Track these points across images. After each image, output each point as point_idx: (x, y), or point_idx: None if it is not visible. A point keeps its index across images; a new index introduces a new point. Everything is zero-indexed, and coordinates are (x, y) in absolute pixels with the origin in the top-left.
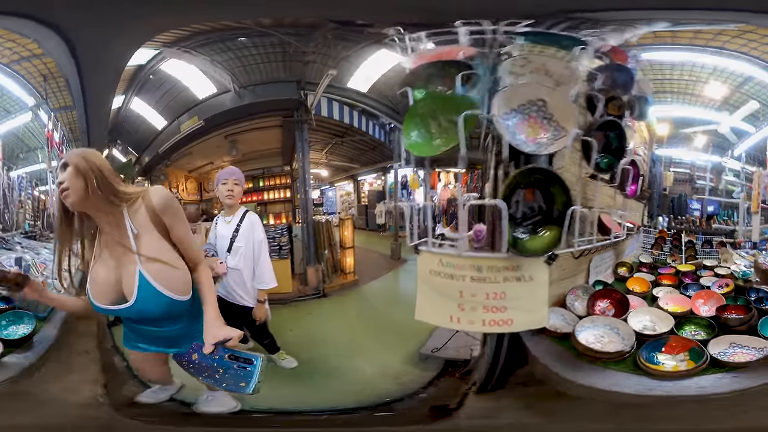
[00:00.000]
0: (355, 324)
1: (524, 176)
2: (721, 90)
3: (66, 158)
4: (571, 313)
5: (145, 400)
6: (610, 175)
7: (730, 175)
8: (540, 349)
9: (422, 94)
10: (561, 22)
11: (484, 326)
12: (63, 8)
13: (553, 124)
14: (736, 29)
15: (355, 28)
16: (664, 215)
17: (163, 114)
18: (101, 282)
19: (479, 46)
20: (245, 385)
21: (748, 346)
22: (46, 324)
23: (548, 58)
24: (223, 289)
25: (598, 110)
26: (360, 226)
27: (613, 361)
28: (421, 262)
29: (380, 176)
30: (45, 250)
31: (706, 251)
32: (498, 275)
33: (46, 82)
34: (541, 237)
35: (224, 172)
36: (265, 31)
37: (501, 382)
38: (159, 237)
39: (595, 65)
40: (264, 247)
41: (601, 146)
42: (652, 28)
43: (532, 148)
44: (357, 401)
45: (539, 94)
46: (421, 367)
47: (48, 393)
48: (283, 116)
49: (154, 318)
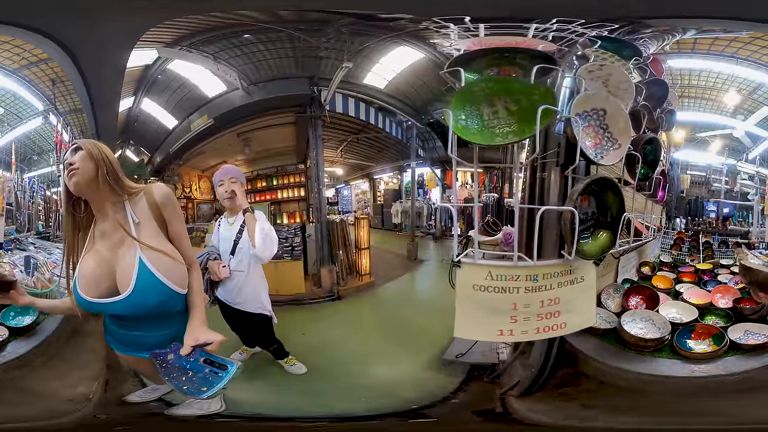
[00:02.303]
0: (372, 328)
1: (588, 184)
2: (735, 96)
3: (79, 143)
4: (607, 311)
5: (134, 399)
6: (645, 184)
7: (745, 178)
8: (586, 347)
9: (476, 77)
10: (622, 28)
11: (537, 334)
12: (53, 14)
13: (608, 134)
14: (747, 36)
15: (378, 22)
16: (681, 217)
17: (174, 113)
18: (91, 274)
19: (558, 43)
20: (206, 389)
21: (759, 333)
22: (62, 322)
23: (614, 69)
24: (225, 293)
25: (643, 126)
26: (375, 225)
27: (655, 350)
28: (464, 276)
29: (396, 175)
30: (57, 250)
31: (722, 251)
32: (553, 281)
33: (54, 86)
34: (599, 240)
35: (218, 174)
36: (277, 27)
37: (542, 385)
38: (158, 230)
39: (635, 79)
40: (260, 228)
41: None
42: (684, 36)
43: (592, 155)
44: (374, 408)
45: (602, 103)
46: (445, 373)
47: (45, 388)
48: (295, 113)
49: (146, 314)
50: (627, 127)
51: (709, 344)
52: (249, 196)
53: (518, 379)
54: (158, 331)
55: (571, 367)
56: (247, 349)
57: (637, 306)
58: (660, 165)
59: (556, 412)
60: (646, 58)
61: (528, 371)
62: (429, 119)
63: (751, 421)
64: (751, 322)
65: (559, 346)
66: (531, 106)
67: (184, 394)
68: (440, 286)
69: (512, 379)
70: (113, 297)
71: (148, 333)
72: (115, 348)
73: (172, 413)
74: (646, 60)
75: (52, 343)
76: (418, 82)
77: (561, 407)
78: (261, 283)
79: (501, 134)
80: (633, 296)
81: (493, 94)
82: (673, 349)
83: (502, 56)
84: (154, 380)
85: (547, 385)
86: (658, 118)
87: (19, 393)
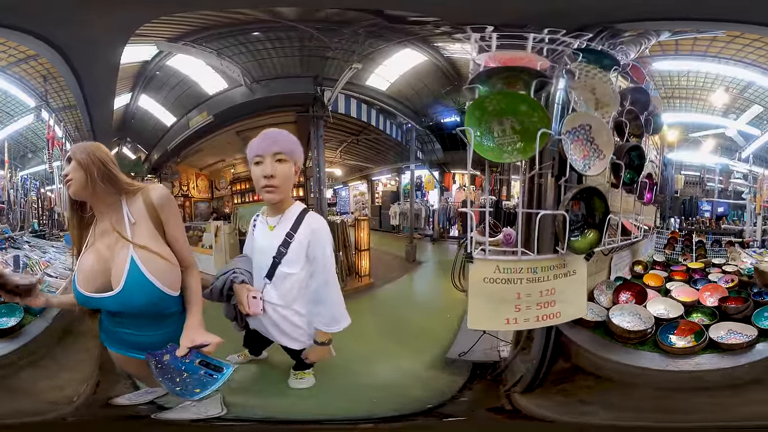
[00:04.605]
0: (373, 328)
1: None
2: (724, 95)
3: (70, 153)
4: (598, 305)
5: (122, 402)
6: (631, 187)
7: (739, 177)
8: (580, 338)
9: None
10: (597, 36)
11: (537, 322)
12: (42, 14)
13: (594, 146)
14: (724, 35)
15: (404, 24)
16: (675, 217)
17: (172, 110)
18: (88, 269)
19: (547, 57)
20: (199, 391)
21: (741, 333)
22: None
23: (596, 82)
24: (257, 323)
25: (625, 135)
26: (373, 227)
27: (639, 342)
28: (476, 270)
29: (395, 177)
30: (52, 248)
31: (715, 250)
32: (550, 273)
33: (46, 82)
34: (587, 238)
35: (256, 143)
36: (289, 24)
37: (541, 381)
38: (154, 231)
39: (620, 87)
40: (331, 275)
41: (625, 164)
42: (660, 39)
43: (580, 167)
44: (393, 409)
45: (588, 119)
46: (449, 372)
47: (33, 388)
48: (297, 112)
49: (137, 313)
50: (609, 140)
51: (690, 341)
52: (247, 196)
53: (521, 375)
54: (151, 331)
55: (567, 361)
56: (247, 354)
57: (627, 301)
58: (645, 169)
59: (558, 408)
60: (625, 65)
61: (529, 364)
62: (429, 122)
63: (724, 420)
64: (735, 321)
65: (555, 338)
66: (532, 128)
67: (176, 395)
68: (439, 286)
69: (515, 376)
70: (107, 293)
71: (140, 332)
72: (107, 345)
73: (160, 417)
74: (625, 68)
75: (39, 344)
76: (419, 84)
77: (561, 402)
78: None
79: (508, 152)
80: (623, 292)
81: (502, 113)
82: (655, 343)
83: (511, 74)
84: (146, 382)
85: (546, 381)
86: (645, 123)
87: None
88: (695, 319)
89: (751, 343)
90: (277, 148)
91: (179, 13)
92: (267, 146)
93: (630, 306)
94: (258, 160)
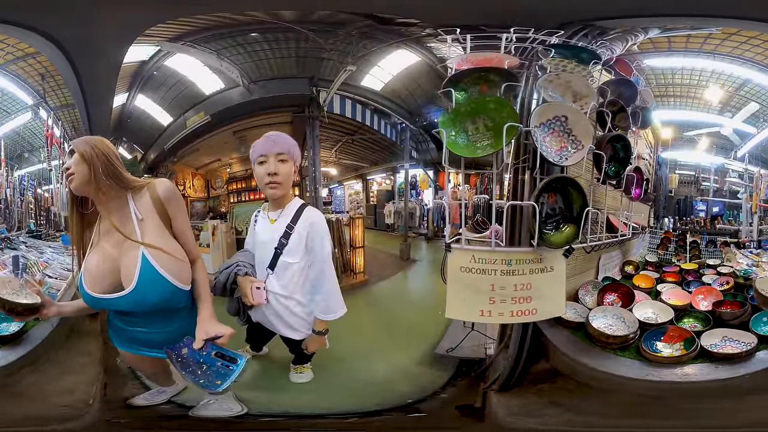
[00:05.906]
0: (366, 324)
1: (549, 182)
2: (720, 92)
3: (73, 145)
4: (583, 306)
5: (140, 402)
6: (617, 181)
7: (734, 176)
8: (557, 339)
9: (463, 96)
10: (577, 33)
11: (512, 317)
12: (46, 12)
13: (572, 137)
14: (719, 31)
15: (393, 26)
16: (669, 216)
17: (169, 110)
18: (95, 269)
19: (518, 55)
20: (220, 383)
21: (738, 340)
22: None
23: (572, 75)
24: (259, 315)
25: (607, 126)
26: (368, 225)
27: (619, 348)
28: (453, 259)
29: (389, 176)
30: (49, 249)
31: (710, 251)
32: (525, 267)
33: (44, 80)
34: (563, 232)
35: (260, 144)
36: (286, 26)
37: (519, 380)
38: (162, 226)
39: (603, 80)
40: (328, 266)
41: (610, 156)
42: (649, 35)
43: (555, 158)
44: (378, 404)
45: (563, 110)
46: (436, 368)
47: (40, 392)
48: (293, 113)
49: (150, 310)
50: (587, 130)
51: (679, 348)
52: (243, 195)
53: (499, 373)
54: (161, 328)
55: (546, 361)
56: (248, 349)
57: (613, 303)
58: (633, 162)
59: (530, 407)
60: (608, 60)
61: (506, 362)
62: (422, 122)
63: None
64: (731, 327)
65: (533, 338)
66: (501, 123)
67: (201, 388)
68: (432, 284)
69: (495, 373)
70: (117, 293)
71: (151, 329)
72: (117, 345)
73: (197, 414)
74: (608, 62)
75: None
76: (412, 84)
77: (534, 402)
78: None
79: (481, 147)
80: (609, 293)
81: (474, 113)
82: (638, 349)
83: (480, 75)
84: (156, 380)
85: (525, 380)
86: (632, 115)
87: (11, 398)
88: (686, 325)
89: (750, 351)
90: (279, 149)
91: (198, 15)
92: (270, 147)
93: (614, 308)
94: (262, 159)
